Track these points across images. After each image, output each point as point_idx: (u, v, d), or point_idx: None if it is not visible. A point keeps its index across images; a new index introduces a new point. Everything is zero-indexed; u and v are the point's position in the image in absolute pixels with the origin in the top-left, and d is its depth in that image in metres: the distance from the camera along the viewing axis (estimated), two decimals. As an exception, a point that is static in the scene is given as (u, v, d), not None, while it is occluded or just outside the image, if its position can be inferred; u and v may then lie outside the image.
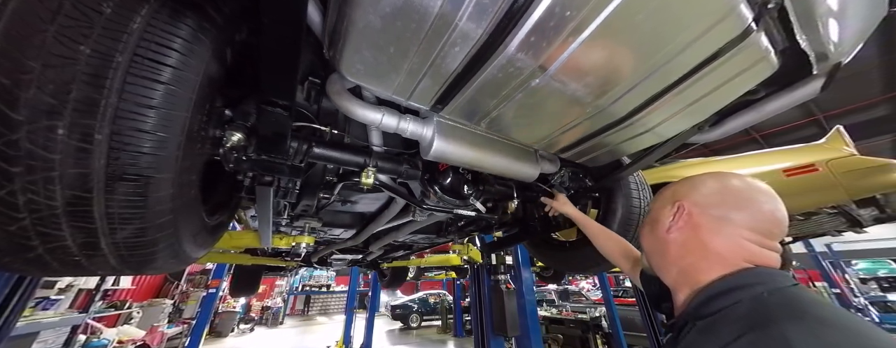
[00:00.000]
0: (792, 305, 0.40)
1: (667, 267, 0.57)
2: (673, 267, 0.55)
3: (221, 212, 0.87)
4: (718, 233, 0.51)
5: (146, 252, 0.53)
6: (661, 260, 0.58)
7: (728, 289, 0.46)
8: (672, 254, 0.55)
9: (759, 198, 0.51)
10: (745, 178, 0.55)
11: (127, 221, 0.47)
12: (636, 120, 0.85)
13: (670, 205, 0.57)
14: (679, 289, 0.54)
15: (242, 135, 0.69)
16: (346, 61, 0.63)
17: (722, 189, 0.53)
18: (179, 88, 0.47)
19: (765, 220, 0.50)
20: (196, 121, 0.51)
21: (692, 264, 0.52)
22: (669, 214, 0.56)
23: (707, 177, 0.56)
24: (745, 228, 0.50)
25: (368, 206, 1.71)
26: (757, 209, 0.50)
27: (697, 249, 0.52)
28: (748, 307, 0.42)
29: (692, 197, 0.55)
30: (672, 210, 0.56)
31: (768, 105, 0.82)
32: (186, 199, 0.56)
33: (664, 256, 0.57)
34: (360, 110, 0.82)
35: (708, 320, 0.45)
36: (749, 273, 0.47)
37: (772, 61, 0.68)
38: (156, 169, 0.47)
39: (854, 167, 1.92)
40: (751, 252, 0.49)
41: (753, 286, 0.45)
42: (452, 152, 0.91)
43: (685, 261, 0.53)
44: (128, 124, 0.44)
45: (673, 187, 0.60)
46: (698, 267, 0.51)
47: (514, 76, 0.67)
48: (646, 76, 0.69)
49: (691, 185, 0.56)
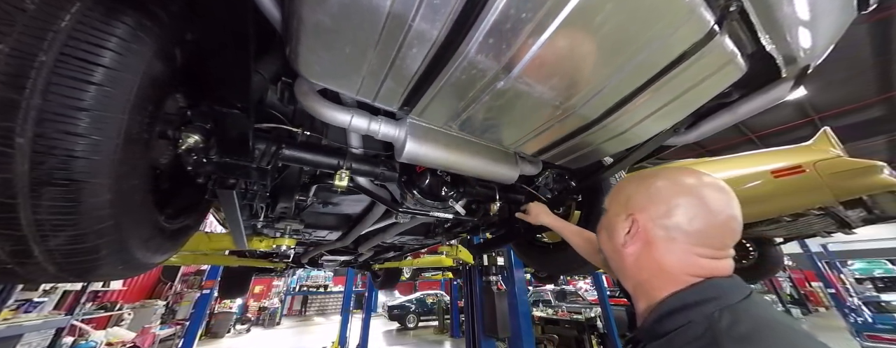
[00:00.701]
0: (736, 328, 0.40)
1: (624, 278, 0.56)
2: (630, 279, 0.55)
3: (187, 215, 0.85)
4: (671, 250, 0.49)
5: (87, 259, 0.51)
6: (620, 270, 0.57)
7: (679, 307, 0.45)
8: (628, 268, 0.54)
9: (712, 205, 0.49)
10: (701, 179, 0.52)
11: (59, 228, 0.46)
12: (609, 122, 0.84)
13: (624, 214, 0.55)
14: (637, 301, 0.54)
15: (200, 137, 0.67)
16: (303, 61, 0.62)
17: (675, 198, 0.51)
18: (114, 89, 0.45)
19: (717, 232, 0.49)
20: (136, 123, 0.50)
21: (647, 280, 0.52)
22: (624, 226, 0.54)
23: (661, 183, 0.54)
24: (696, 244, 0.49)
25: (352, 208, 1.69)
26: (710, 220, 0.49)
27: (652, 266, 0.51)
28: (698, 329, 0.42)
29: (647, 209, 0.53)
30: (627, 222, 0.54)
31: (741, 107, 0.82)
32: (131, 204, 0.54)
33: (621, 267, 0.56)
34: (327, 111, 0.81)
35: (661, 341, 0.44)
36: (701, 287, 0.46)
37: (739, 64, 0.67)
38: (89, 173, 0.45)
39: (840, 168, 1.92)
40: (702, 267, 0.48)
41: (704, 303, 0.44)
42: (426, 154, 0.90)
43: (641, 276, 0.53)
44: (54, 127, 0.42)
45: (628, 191, 0.58)
46: (653, 283, 0.51)
47: (478, 78, 0.65)
48: (612, 78, 0.67)
49: (647, 195, 0.54)
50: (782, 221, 2.26)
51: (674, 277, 0.49)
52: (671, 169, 0.57)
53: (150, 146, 0.56)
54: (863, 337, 6.50)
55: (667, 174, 0.55)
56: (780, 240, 3.11)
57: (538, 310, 8.30)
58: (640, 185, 0.56)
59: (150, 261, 0.67)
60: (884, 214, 2.24)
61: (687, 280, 0.48)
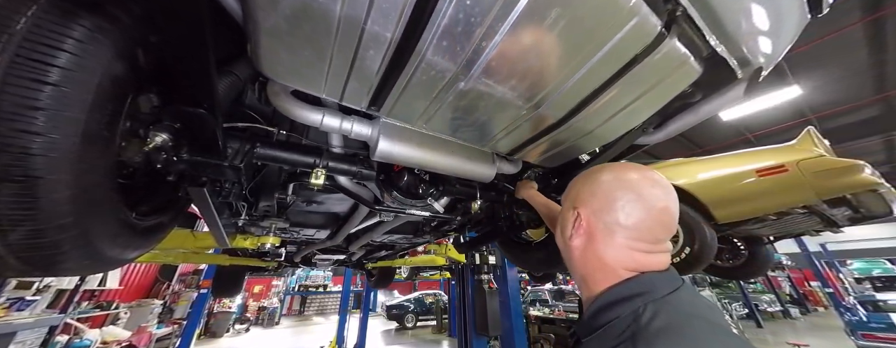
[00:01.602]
0: (654, 322, 0.41)
1: (572, 271, 0.57)
2: (576, 272, 0.56)
3: (161, 213, 0.87)
4: (609, 244, 0.51)
5: (49, 254, 0.53)
6: (568, 263, 0.58)
7: (611, 302, 0.47)
8: (575, 261, 0.55)
9: (648, 200, 0.50)
10: (642, 174, 0.53)
11: (17, 223, 0.47)
12: (575, 121, 0.85)
13: (572, 209, 0.56)
14: (582, 291, 0.55)
15: (169, 136, 0.69)
16: (265, 61, 0.64)
17: (613, 192, 0.52)
18: (70, 89, 0.47)
19: (651, 227, 0.50)
20: (95, 121, 0.51)
21: (590, 274, 0.53)
22: (570, 220, 0.55)
23: (604, 177, 0.55)
24: (632, 238, 0.50)
25: (338, 207, 1.71)
26: (645, 215, 0.50)
27: (593, 259, 0.52)
28: (624, 324, 0.43)
29: (589, 203, 0.54)
30: (572, 216, 0.55)
31: (702, 107, 0.83)
32: (93, 201, 0.56)
33: (569, 260, 0.57)
34: (297, 110, 0.82)
35: (594, 335, 0.46)
36: (633, 282, 0.48)
37: (693, 66, 0.69)
38: (45, 170, 0.47)
39: (822, 167, 1.94)
40: (637, 261, 0.49)
41: (634, 298, 0.45)
42: (399, 153, 0.92)
43: (585, 269, 0.54)
44: (9, 125, 0.44)
45: (577, 186, 0.59)
46: (595, 277, 0.52)
47: (438, 78, 0.67)
48: (571, 79, 0.69)
49: (591, 190, 0.55)
50: (768, 220, 2.27)
51: (612, 271, 0.50)
52: (618, 164, 0.58)
53: (113, 144, 0.58)
54: (858, 336, 6.52)
55: (612, 170, 0.56)
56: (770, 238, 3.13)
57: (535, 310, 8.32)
58: (587, 181, 0.57)
59: (120, 256, 0.69)
60: (870, 213, 2.26)
61: (622, 274, 0.49)
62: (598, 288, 0.50)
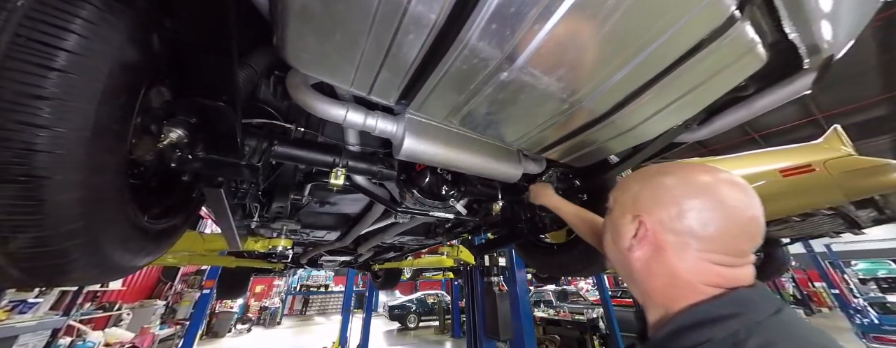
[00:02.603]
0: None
1: (633, 285, 0.51)
2: (639, 286, 0.50)
3: (174, 215, 0.81)
4: (683, 257, 0.44)
5: (55, 263, 0.47)
6: (627, 276, 0.52)
7: (697, 322, 0.40)
8: (637, 275, 0.49)
9: (730, 206, 0.43)
10: (716, 176, 0.46)
11: (20, 229, 0.41)
12: (617, 117, 0.79)
13: (630, 215, 0.50)
14: (648, 310, 0.49)
15: (184, 132, 0.63)
16: (291, 49, 0.58)
17: (685, 198, 0.45)
18: (79, 76, 0.41)
19: (736, 237, 0.43)
20: (106, 114, 0.45)
21: (659, 289, 0.46)
22: (630, 228, 0.49)
23: (671, 181, 0.48)
24: (712, 251, 0.43)
25: (350, 208, 1.65)
26: (728, 224, 0.43)
27: (664, 274, 0.46)
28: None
29: (654, 210, 0.47)
30: (633, 225, 0.49)
31: (758, 101, 0.77)
32: (104, 203, 0.50)
33: (629, 274, 0.51)
34: (320, 105, 0.77)
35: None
36: (724, 300, 0.41)
37: (759, 54, 0.62)
38: (50, 169, 0.41)
39: (852, 167, 1.87)
40: (721, 275, 0.43)
41: (727, 319, 0.39)
42: (424, 151, 0.86)
43: (651, 284, 0.47)
44: (9, 117, 0.38)
45: (633, 189, 0.52)
46: (667, 293, 0.45)
47: (480, 68, 0.61)
48: (623, 69, 0.63)
49: (654, 194, 0.49)
50: (791, 221, 2.21)
51: (690, 287, 0.43)
52: (681, 165, 0.51)
53: (125, 140, 0.52)
54: (869, 339, 6.43)
55: (677, 171, 0.49)
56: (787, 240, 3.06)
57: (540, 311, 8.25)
58: (648, 183, 0.51)
59: (130, 263, 0.63)
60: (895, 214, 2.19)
61: (705, 290, 0.42)
62: (672, 304, 0.44)
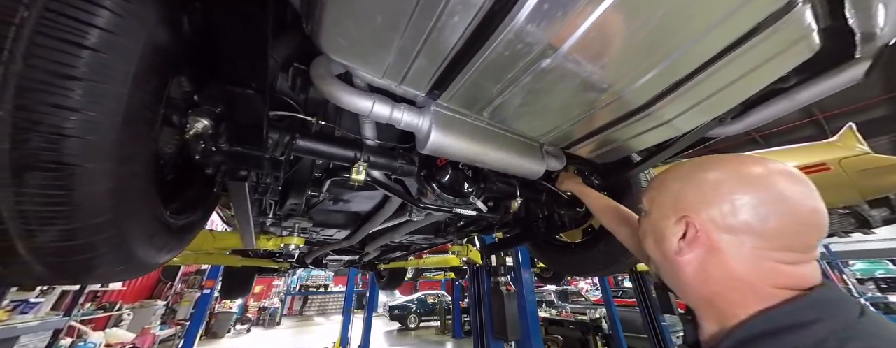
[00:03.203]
0: None
1: (683, 291, 0.47)
2: (691, 293, 0.46)
3: (193, 210, 0.78)
4: (739, 256, 0.41)
5: (81, 258, 0.44)
6: (676, 281, 0.48)
7: (774, 330, 0.36)
8: (688, 280, 0.45)
9: (790, 196, 0.40)
10: (768, 166, 0.43)
11: (48, 221, 0.38)
12: (655, 109, 0.76)
13: (674, 217, 0.46)
14: (704, 316, 0.45)
15: (209, 122, 0.60)
16: (327, 35, 0.54)
17: (739, 191, 0.42)
18: (112, 56, 0.38)
19: (800, 231, 0.40)
20: (138, 98, 0.42)
21: (718, 294, 0.42)
22: (676, 230, 0.45)
23: (717, 175, 0.44)
24: (774, 248, 0.40)
25: (363, 205, 1.62)
26: (790, 216, 0.39)
27: (721, 277, 0.42)
28: None
29: (704, 209, 0.43)
30: (679, 226, 0.45)
31: (802, 93, 0.74)
32: (132, 195, 0.47)
33: (679, 279, 0.47)
34: (347, 97, 0.73)
35: None
36: (800, 304, 0.37)
37: (813, 42, 0.60)
38: (82, 156, 0.38)
39: (868, 166, 1.85)
40: (786, 275, 0.39)
41: (811, 326, 0.35)
42: (451, 146, 0.83)
43: (707, 289, 0.43)
44: (39, 98, 0.35)
45: (673, 187, 0.48)
46: (727, 298, 0.41)
47: (522, 54, 0.58)
48: (671, 56, 0.60)
49: (700, 191, 0.45)
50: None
51: (755, 290, 0.40)
52: (725, 157, 0.48)
53: (154, 128, 0.49)
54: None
55: (722, 164, 0.46)
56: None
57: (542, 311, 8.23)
58: (690, 180, 0.47)
59: (153, 260, 0.60)
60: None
61: (774, 293, 0.39)
62: (736, 311, 0.40)
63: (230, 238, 1.46)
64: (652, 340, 4.59)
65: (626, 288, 9.84)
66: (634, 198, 1.28)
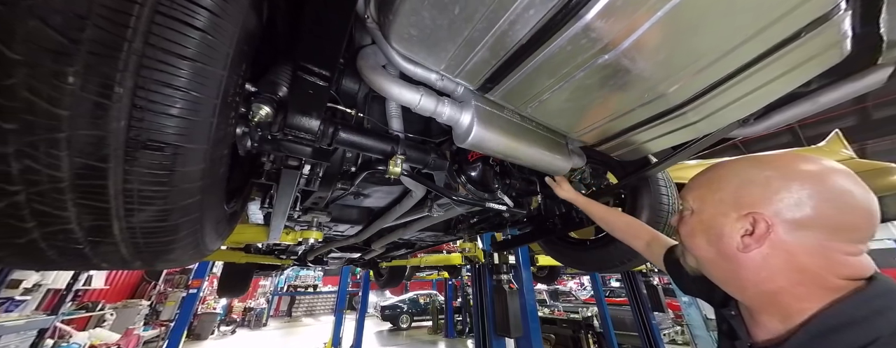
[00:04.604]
0: None
1: (741, 288, 0.49)
2: (752, 289, 0.47)
3: (236, 199, 0.77)
4: (810, 250, 0.42)
5: (165, 240, 0.43)
6: (732, 279, 0.49)
7: (849, 321, 0.38)
8: (750, 276, 0.46)
9: (846, 190, 0.42)
10: (819, 163, 0.46)
11: (148, 201, 0.38)
12: (690, 108, 0.80)
13: (735, 212, 0.47)
14: (761, 312, 0.47)
15: (270, 110, 0.60)
16: (399, 24, 0.55)
17: (802, 186, 0.43)
18: (217, 38, 0.38)
19: (860, 222, 0.42)
20: (233, 82, 0.42)
21: (783, 289, 0.44)
22: (739, 227, 0.46)
23: (773, 172, 0.46)
24: (838, 240, 0.42)
25: (380, 200, 1.62)
26: (849, 208, 0.42)
27: (788, 271, 0.43)
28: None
29: (770, 204, 0.44)
30: (744, 222, 0.45)
31: (824, 96, 0.80)
32: (216, 178, 0.47)
33: (736, 276, 0.48)
34: (396, 89, 0.74)
35: None
36: (872, 292, 0.39)
37: (844, 47, 0.65)
38: (187, 137, 0.38)
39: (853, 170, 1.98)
40: (851, 266, 0.41)
41: (886, 313, 0.37)
42: (490, 140, 0.85)
43: (771, 284, 0.45)
44: (155, 77, 0.34)
45: (730, 184, 0.49)
46: (793, 293, 0.43)
47: (584, 49, 0.60)
48: (719, 57, 0.64)
49: (763, 187, 0.46)
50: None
51: (822, 282, 0.41)
52: (778, 155, 0.51)
53: (238, 113, 0.49)
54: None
55: (779, 161, 0.49)
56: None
57: (534, 310, 8.33)
58: (748, 177, 0.49)
59: (212, 246, 0.59)
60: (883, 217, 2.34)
61: (842, 285, 0.41)
62: (805, 304, 0.42)
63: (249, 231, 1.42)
64: (642, 338, 4.73)
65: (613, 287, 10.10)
66: (651, 196, 1.33)
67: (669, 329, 7.02)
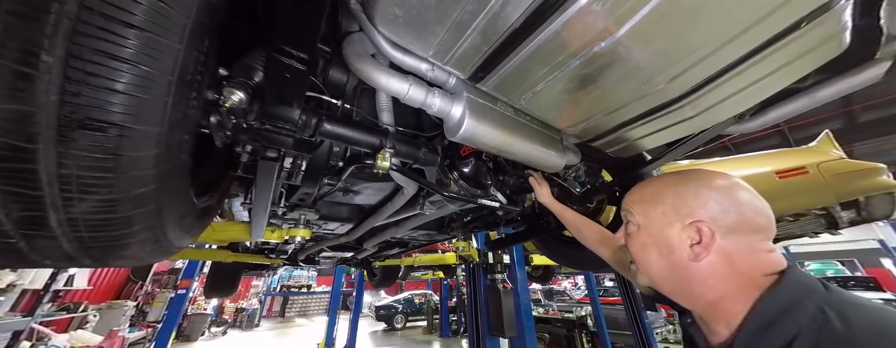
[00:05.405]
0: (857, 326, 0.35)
1: (691, 298, 0.50)
2: (699, 299, 0.49)
3: (210, 193, 0.72)
4: (743, 251, 0.46)
5: (116, 234, 0.39)
6: (683, 288, 0.51)
7: (780, 312, 0.40)
8: (698, 286, 0.48)
9: (752, 195, 0.49)
10: (726, 175, 0.53)
11: (90, 189, 0.34)
12: (687, 103, 0.78)
13: (679, 224, 0.49)
14: (711, 321, 0.48)
15: (244, 96, 0.55)
16: (383, 4, 0.52)
17: (725, 195, 0.49)
18: (170, 6, 0.34)
19: (768, 222, 0.48)
20: (192, 58, 0.38)
21: (723, 295, 0.46)
22: (686, 236, 0.48)
23: (698, 184, 0.51)
24: (761, 240, 0.46)
25: (371, 198, 1.57)
26: (762, 211, 0.48)
27: (729, 276, 0.46)
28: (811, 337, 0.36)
29: (706, 212, 0.48)
30: (689, 231, 0.48)
31: (821, 91, 0.78)
32: (175, 166, 0.42)
33: (686, 287, 0.50)
34: (384, 78, 0.71)
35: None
36: (787, 285, 0.42)
37: (842, 40, 0.63)
38: (135, 117, 0.33)
39: (842, 170, 2.00)
40: (770, 261, 0.45)
41: (801, 302, 0.40)
42: (482, 134, 0.81)
43: (714, 293, 0.47)
44: (94, 45, 0.30)
45: (668, 199, 0.53)
46: (731, 296, 0.45)
47: (579, 36, 0.57)
48: (718, 47, 0.61)
49: (697, 197, 0.50)
50: (784, 221, 2.34)
51: (752, 282, 0.44)
52: (694, 171, 0.56)
53: (201, 95, 0.45)
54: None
55: (699, 175, 0.54)
56: (771, 239, 3.24)
57: (528, 309, 8.35)
58: (683, 188, 0.52)
59: (178, 242, 0.54)
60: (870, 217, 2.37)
61: (765, 281, 0.44)
62: (739, 306, 0.44)
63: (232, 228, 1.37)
64: (635, 336, 4.76)
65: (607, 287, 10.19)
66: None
67: (662, 328, 7.10)
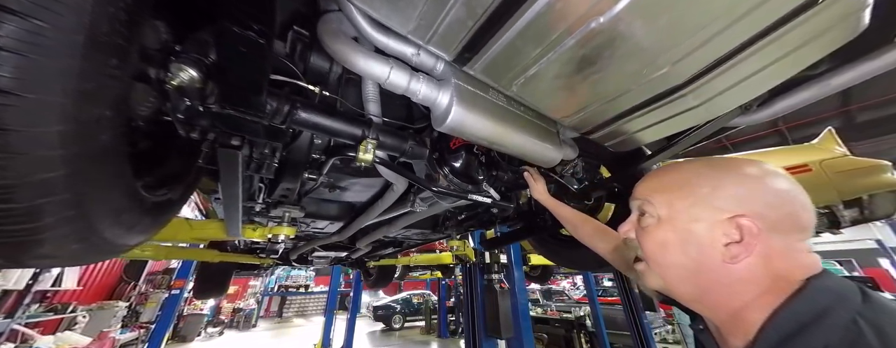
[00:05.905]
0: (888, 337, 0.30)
1: (713, 307, 0.43)
2: (722, 307, 0.42)
3: (171, 186, 0.66)
4: (783, 255, 0.39)
5: (20, 228, 0.32)
6: (703, 296, 0.43)
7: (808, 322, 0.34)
8: (724, 292, 0.41)
9: (797, 187, 0.42)
10: (761, 163, 0.45)
11: (-32, 171, 0.27)
12: (690, 90, 0.73)
13: (713, 218, 0.41)
14: (732, 334, 0.41)
15: (197, 74, 0.49)
16: (354, -30, 0.46)
17: (773, 187, 0.42)
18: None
19: (811, 218, 0.41)
20: (107, 16, 0.32)
21: (748, 303, 0.39)
22: (719, 235, 0.40)
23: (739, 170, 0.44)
24: (801, 239, 0.40)
25: (360, 195, 1.51)
26: (806, 205, 0.41)
27: (762, 279, 0.39)
28: None
29: (749, 207, 0.40)
30: (725, 228, 0.40)
31: (835, 78, 0.72)
32: (97, 149, 0.36)
33: (709, 293, 0.42)
34: (362, 60, 0.64)
35: None
36: (808, 296, 0.36)
37: (862, 19, 0.57)
38: (24, 81, 0.27)
39: (846, 167, 1.96)
40: (808, 265, 0.39)
41: (833, 311, 0.34)
42: (472, 124, 0.75)
43: (741, 300, 0.40)
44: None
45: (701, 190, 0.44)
46: (756, 304, 0.38)
47: (573, 9, 0.51)
48: (727, 24, 0.56)
49: (736, 186, 0.42)
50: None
51: (784, 282, 0.38)
52: (726, 158, 0.49)
53: (130, 67, 0.38)
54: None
55: (734, 164, 0.46)
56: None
57: (526, 310, 8.31)
58: (716, 177, 0.44)
59: (122, 240, 0.48)
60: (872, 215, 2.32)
61: (795, 284, 0.38)
62: (758, 314, 0.38)
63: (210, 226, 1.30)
64: (634, 337, 4.71)
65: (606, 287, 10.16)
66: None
67: (661, 328, 7.06)
